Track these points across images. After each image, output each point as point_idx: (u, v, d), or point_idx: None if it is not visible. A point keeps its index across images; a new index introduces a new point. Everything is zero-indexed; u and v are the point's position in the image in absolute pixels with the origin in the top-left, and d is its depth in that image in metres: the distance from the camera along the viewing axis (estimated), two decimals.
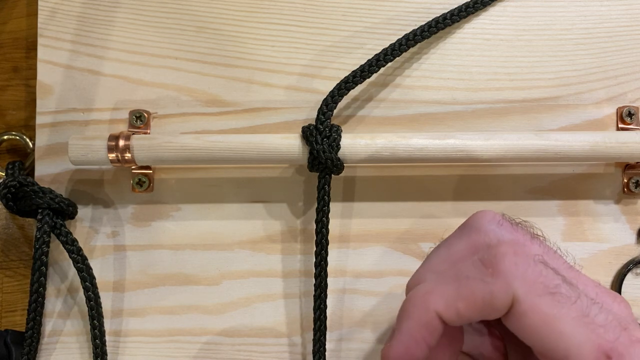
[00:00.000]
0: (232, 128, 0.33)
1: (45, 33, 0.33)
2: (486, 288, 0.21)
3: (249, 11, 0.33)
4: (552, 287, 0.21)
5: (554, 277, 0.21)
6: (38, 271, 0.30)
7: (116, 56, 0.33)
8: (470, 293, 0.21)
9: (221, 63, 0.33)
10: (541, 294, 0.21)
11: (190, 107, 0.33)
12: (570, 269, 0.23)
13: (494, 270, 0.21)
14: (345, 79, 0.31)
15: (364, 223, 0.33)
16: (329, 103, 0.30)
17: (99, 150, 0.30)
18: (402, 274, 0.32)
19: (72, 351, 0.32)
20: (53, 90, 0.33)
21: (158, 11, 0.33)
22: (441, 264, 0.24)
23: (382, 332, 0.32)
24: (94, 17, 0.33)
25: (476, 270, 0.22)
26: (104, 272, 0.32)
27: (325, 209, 0.30)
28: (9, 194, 0.30)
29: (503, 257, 0.22)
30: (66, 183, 0.33)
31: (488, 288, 0.21)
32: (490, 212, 0.25)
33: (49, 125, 0.33)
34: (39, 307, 0.31)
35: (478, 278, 0.22)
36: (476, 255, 0.23)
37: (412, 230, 0.33)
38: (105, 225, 0.33)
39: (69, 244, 0.31)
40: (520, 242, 0.23)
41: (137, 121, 0.32)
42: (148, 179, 0.32)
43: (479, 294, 0.21)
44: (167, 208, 0.33)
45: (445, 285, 0.22)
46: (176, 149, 0.30)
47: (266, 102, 0.33)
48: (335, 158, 0.29)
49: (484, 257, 0.22)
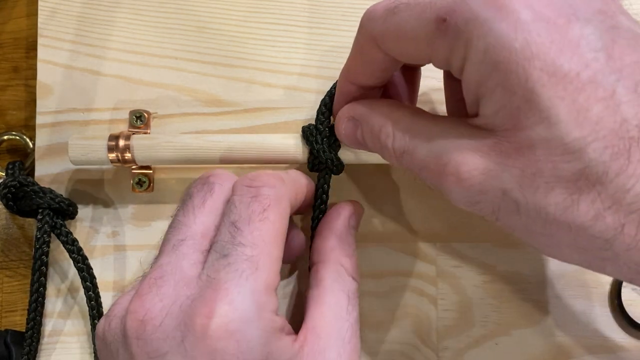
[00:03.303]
0: (232, 128, 0.33)
1: (45, 33, 0.33)
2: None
3: (249, 11, 0.34)
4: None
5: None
6: (38, 271, 0.30)
7: (116, 56, 0.33)
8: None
9: (221, 63, 0.33)
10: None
11: (190, 107, 0.33)
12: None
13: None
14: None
15: (364, 223, 0.32)
16: (327, 103, 0.30)
17: (99, 150, 0.30)
18: (402, 274, 0.32)
19: (72, 351, 0.32)
20: (53, 90, 0.33)
21: (158, 11, 0.33)
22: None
23: (382, 332, 0.32)
24: (94, 17, 0.33)
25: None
26: (104, 272, 0.32)
27: (323, 207, 0.29)
28: (9, 194, 0.30)
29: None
30: (66, 183, 0.33)
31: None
32: None
33: (49, 125, 0.33)
34: (39, 307, 0.31)
35: None
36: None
37: (412, 230, 0.33)
38: (106, 225, 0.33)
39: (70, 244, 0.31)
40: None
41: (137, 121, 0.32)
42: (148, 179, 0.32)
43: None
44: (167, 208, 0.33)
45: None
46: (176, 148, 0.30)
47: (266, 102, 0.33)
48: (336, 158, 0.29)
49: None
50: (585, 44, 0.18)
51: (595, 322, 0.32)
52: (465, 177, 0.20)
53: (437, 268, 0.32)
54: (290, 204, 0.25)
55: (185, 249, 0.23)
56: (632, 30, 0.19)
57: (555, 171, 0.18)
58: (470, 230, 0.33)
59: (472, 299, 0.32)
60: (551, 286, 0.32)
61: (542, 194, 0.19)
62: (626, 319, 0.32)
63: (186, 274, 0.22)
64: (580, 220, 0.19)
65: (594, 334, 0.32)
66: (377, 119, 0.24)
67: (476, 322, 0.32)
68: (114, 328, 0.22)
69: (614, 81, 0.18)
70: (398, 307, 0.32)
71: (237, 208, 0.23)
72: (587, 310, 0.32)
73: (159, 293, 0.22)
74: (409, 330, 0.32)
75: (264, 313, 0.21)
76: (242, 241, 0.22)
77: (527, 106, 0.18)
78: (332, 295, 0.25)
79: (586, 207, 0.18)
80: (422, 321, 0.32)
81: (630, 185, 0.18)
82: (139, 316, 0.21)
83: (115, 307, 0.23)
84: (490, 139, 0.20)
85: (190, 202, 0.25)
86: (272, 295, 0.22)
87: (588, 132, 0.18)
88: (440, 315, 0.32)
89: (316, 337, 0.23)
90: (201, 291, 0.21)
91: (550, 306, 0.32)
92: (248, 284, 0.21)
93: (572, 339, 0.32)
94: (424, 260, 0.32)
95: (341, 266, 0.26)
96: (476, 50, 0.19)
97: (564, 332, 0.32)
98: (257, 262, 0.22)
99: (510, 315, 0.32)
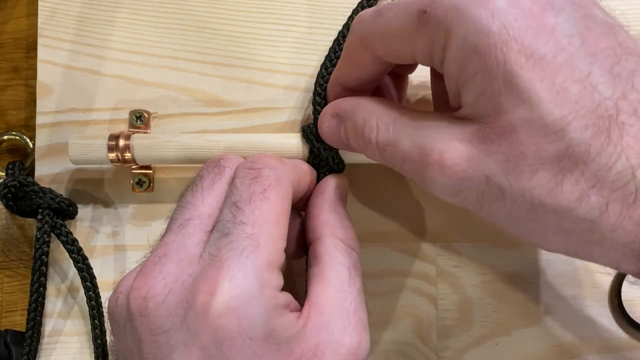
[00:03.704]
0: (232, 128, 0.33)
1: (45, 33, 0.33)
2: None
3: (249, 11, 0.34)
4: None
5: None
6: (38, 271, 0.30)
7: (116, 56, 0.33)
8: None
9: (221, 63, 0.33)
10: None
11: (190, 107, 0.33)
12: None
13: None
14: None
15: (364, 223, 0.33)
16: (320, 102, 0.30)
17: (99, 150, 0.30)
18: (402, 274, 0.32)
19: (72, 351, 0.32)
20: (53, 90, 0.33)
21: (158, 11, 0.34)
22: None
23: (382, 332, 0.32)
24: (94, 17, 0.33)
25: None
26: (104, 272, 0.32)
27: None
28: (9, 194, 0.30)
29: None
30: (66, 183, 0.33)
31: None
32: None
33: (49, 125, 0.33)
34: (39, 307, 0.31)
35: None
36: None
37: (412, 230, 0.33)
38: (106, 225, 0.33)
39: (70, 244, 0.31)
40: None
41: (137, 121, 0.32)
42: (148, 179, 0.32)
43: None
44: (167, 208, 0.33)
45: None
46: (176, 148, 0.30)
47: (266, 102, 0.33)
48: (337, 155, 0.29)
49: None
50: (559, 30, 0.19)
51: (595, 322, 0.32)
52: (449, 165, 0.20)
53: (437, 268, 0.32)
54: (293, 187, 0.25)
55: (192, 228, 0.23)
56: (606, 21, 0.20)
57: (539, 153, 0.19)
58: (470, 230, 0.33)
59: (472, 299, 0.32)
60: (551, 286, 0.32)
61: (527, 177, 0.19)
62: (626, 319, 0.32)
63: (190, 252, 0.22)
64: (565, 202, 0.19)
65: (594, 334, 0.32)
66: (362, 114, 0.24)
67: (476, 322, 0.32)
68: (121, 305, 0.22)
69: (589, 63, 0.19)
70: (398, 307, 0.32)
71: (238, 189, 0.23)
72: (587, 310, 0.32)
73: (162, 271, 0.22)
74: (409, 330, 0.32)
75: (266, 290, 0.21)
76: (243, 220, 0.22)
77: (507, 89, 0.19)
78: (332, 270, 0.24)
79: (570, 188, 0.18)
80: (422, 321, 0.32)
81: (611, 163, 0.18)
82: (142, 293, 0.21)
83: (122, 284, 0.23)
84: (472, 127, 0.20)
85: (200, 183, 0.25)
86: (274, 272, 0.22)
87: (568, 111, 0.18)
88: (440, 315, 0.32)
89: (319, 313, 0.23)
90: (203, 269, 0.21)
91: (550, 306, 0.32)
92: (249, 261, 0.21)
93: (572, 339, 0.32)
94: (424, 260, 0.32)
95: (337, 239, 0.26)
96: (456, 37, 0.20)
97: (563, 332, 0.32)
98: (258, 240, 0.22)
99: (510, 315, 0.32)
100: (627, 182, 0.18)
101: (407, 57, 0.23)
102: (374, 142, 0.24)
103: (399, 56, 0.23)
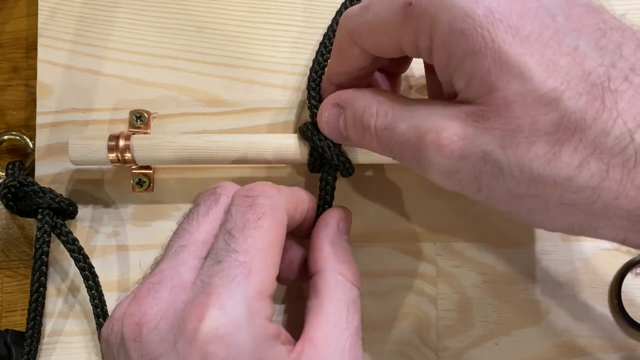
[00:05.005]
0: (232, 128, 0.33)
1: (45, 33, 0.33)
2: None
3: (249, 11, 0.34)
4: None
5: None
6: (38, 271, 0.30)
7: (116, 56, 0.33)
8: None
9: (221, 63, 0.33)
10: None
11: (190, 107, 0.33)
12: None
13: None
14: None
15: (364, 223, 0.33)
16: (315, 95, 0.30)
17: (99, 150, 0.30)
18: (402, 274, 0.32)
19: (72, 351, 0.32)
20: (53, 90, 0.33)
21: (158, 11, 0.34)
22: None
23: (382, 332, 0.32)
24: (94, 17, 0.33)
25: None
26: (104, 272, 0.32)
27: (327, 207, 0.29)
28: (9, 194, 0.30)
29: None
30: (66, 183, 0.33)
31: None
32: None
33: (49, 125, 0.33)
34: (40, 307, 0.31)
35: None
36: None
37: (412, 230, 0.33)
38: (106, 225, 0.33)
39: (70, 244, 0.31)
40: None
41: (137, 121, 0.32)
42: (148, 179, 0.32)
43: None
44: (167, 208, 0.33)
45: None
46: (176, 148, 0.30)
47: (266, 102, 0.33)
48: (341, 153, 0.29)
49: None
50: (543, 11, 0.19)
51: (595, 322, 0.32)
52: (446, 144, 0.20)
53: (437, 268, 0.32)
54: (289, 215, 0.25)
55: (186, 255, 0.23)
56: (588, 4, 0.20)
57: (535, 125, 0.19)
58: (470, 230, 0.33)
59: (472, 299, 0.32)
60: (551, 286, 0.32)
61: (524, 150, 0.19)
62: (626, 319, 0.32)
63: (183, 278, 0.22)
64: (564, 172, 0.19)
65: (594, 334, 0.32)
66: (362, 102, 0.25)
67: (476, 322, 0.32)
68: (116, 331, 0.22)
69: (575, 38, 0.19)
70: (398, 307, 0.32)
71: (233, 217, 0.24)
72: (587, 310, 0.32)
73: (156, 297, 0.22)
74: (409, 330, 0.32)
75: (256, 319, 0.21)
76: (236, 248, 0.22)
77: (497, 67, 0.19)
78: (330, 305, 0.24)
79: (569, 157, 0.19)
80: (422, 321, 0.32)
81: (609, 127, 0.18)
82: (136, 319, 0.21)
83: (117, 310, 0.23)
84: (467, 107, 0.20)
85: (196, 211, 0.25)
86: (265, 302, 0.22)
87: (560, 82, 0.18)
88: (440, 315, 0.32)
89: (314, 348, 0.23)
90: (194, 296, 0.21)
91: (550, 306, 0.32)
92: (239, 290, 0.21)
93: (572, 339, 0.32)
94: (424, 260, 0.32)
95: (338, 274, 0.25)
96: (441, 23, 0.20)
97: (563, 332, 0.32)
98: (250, 268, 0.22)
99: (510, 315, 0.32)
100: (625, 146, 0.18)
101: (395, 49, 0.23)
102: (373, 127, 0.24)
103: (387, 49, 0.24)
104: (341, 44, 0.26)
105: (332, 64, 0.28)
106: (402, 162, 0.24)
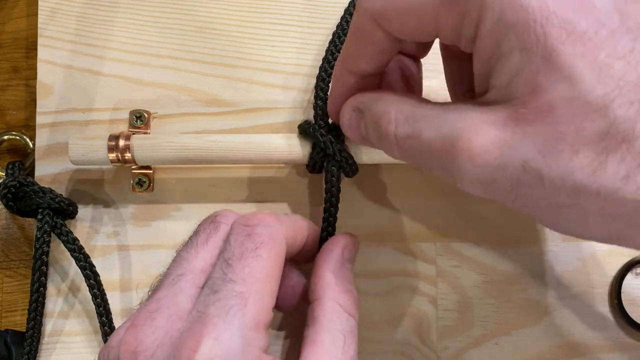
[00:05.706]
0: (232, 128, 0.33)
1: (45, 33, 0.33)
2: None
3: (249, 11, 0.34)
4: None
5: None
6: (38, 271, 0.30)
7: (116, 56, 0.33)
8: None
9: (221, 63, 0.33)
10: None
11: (190, 107, 0.33)
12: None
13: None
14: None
15: (364, 223, 0.33)
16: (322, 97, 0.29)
17: (99, 150, 0.30)
18: (402, 274, 0.32)
19: (72, 351, 0.32)
20: (53, 90, 0.33)
21: (158, 11, 0.34)
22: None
23: (382, 332, 0.32)
24: (94, 17, 0.33)
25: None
26: (105, 272, 0.32)
27: (332, 210, 0.29)
28: (9, 194, 0.30)
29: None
30: (66, 183, 0.33)
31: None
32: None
33: (49, 125, 0.33)
34: (40, 307, 0.31)
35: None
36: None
37: (412, 230, 0.33)
38: (106, 225, 0.33)
39: (70, 243, 0.31)
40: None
41: (137, 121, 0.32)
42: (148, 179, 0.32)
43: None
44: (167, 208, 0.33)
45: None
46: (176, 148, 0.30)
47: (266, 102, 0.33)
48: (344, 149, 0.28)
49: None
50: (599, 6, 0.18)
51: (595, 322, 0.32)
52: (479, 152, 0.19)
53: (437, 268, 0.32)
54: (288, 243, 0.25)
55: (183, 283, 0.23)
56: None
57: (580, 132, 0.17)
58: (470, 230, 0.33)
59: (472, 299, 0.32)
60: (551, 286, 0.32)
61: (567, 159, 0.18)
62: (626, 319, 0.32)
63: (180, 307, 0.22)
64: (609, 183, 0.18)
65: (594, 334, 0.32)
66: (381, 106, 0.23)
67: (476, 322, 0.32)
68: (112, 359, 0.22)
69: (632, 39, 0.18)
70: (398, 307, 0.32)
71: (231, 246, 0.23)
72: (587, 310, 0.32)
73: (153, 325, 0.22)
74: (409, 330, 0.32)
75: (251, 350, 0.21)
76: (233, 277, 0.22)
77: (546, 66, 0.18)
78: (327, 335, 0.24)
79: (614, 168, 0.17)
80: (422, 321, 0.32)
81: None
82: (132, 347, 0.22)
83: (114, 337, 0.23)
84: (504, 110, 0.19)
85: (195, 239, 0.25)
86: (261, 332, 0.22)
87: (612, 88, 0.17)
88: (440, 315, 0.32)
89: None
90: (190, 325, 0.21)
91: (550, 306, 0.32)
92: (235, 320, 0.21)
93: (572, 339, 0.32)
94: (424, 260, 0.32)
95: (337, 304, 0.25)
96: (492, 12, 0.18)
97: (563, 332, 0.32)
98: (247, 299, 0.22)
99: (510, 315, 0.32)
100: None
101: (428, 34, 0.21)
102: (392, 135, 0.22)
103: (419, 33, 0.22)
104: (361, 27, 0.23)
105: (348, 49, 0.25)
106: (428, 170, 0.22)
